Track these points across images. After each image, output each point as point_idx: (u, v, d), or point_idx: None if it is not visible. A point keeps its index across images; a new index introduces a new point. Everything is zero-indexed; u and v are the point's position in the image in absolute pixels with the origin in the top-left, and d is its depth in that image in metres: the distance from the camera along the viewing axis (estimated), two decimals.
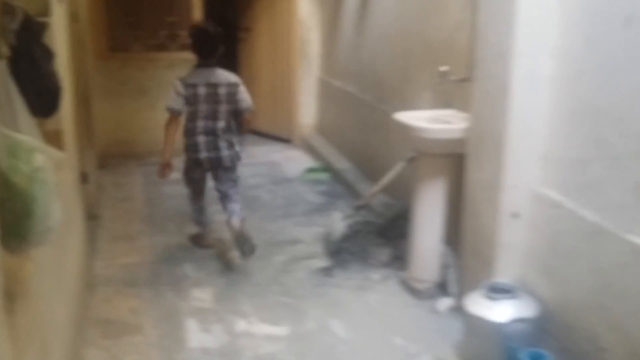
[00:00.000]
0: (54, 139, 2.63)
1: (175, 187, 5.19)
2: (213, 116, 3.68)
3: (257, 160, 6.12)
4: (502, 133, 2.68)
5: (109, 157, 5.86)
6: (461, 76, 3.32)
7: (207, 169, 3.83)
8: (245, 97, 3.79)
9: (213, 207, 4.19)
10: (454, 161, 3.38)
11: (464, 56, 3.36)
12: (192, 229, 4.13)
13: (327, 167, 5.62)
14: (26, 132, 1.48)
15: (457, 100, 3.53)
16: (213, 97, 3.65)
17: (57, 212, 1.51)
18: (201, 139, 3.69)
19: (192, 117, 3.67)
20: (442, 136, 3.21)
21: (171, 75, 5.79)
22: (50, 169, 1.46)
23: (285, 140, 6.72)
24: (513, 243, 2.76)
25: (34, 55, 1.92)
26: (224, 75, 3.72)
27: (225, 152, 3.76)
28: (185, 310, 3.20)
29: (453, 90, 3.55)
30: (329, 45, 5.98)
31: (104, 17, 5.73)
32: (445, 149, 3.27)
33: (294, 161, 6.10)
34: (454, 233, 3.30)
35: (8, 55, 1.46)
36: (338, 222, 3.96)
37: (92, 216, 4.34)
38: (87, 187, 4.17)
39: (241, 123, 3.91)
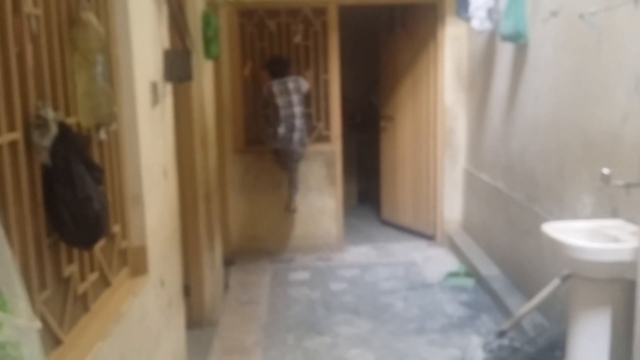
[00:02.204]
0: (136, 256, 2.43)
1: (302, 291, 4.92)
2: None
3: (394, 259, 5.65)
4: None
5: (241, 253, 5.71)
6: (630, 180, 2.69)
7: None
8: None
9: None
10: (622, 287, 2.69)
11: (633, 155, 2.74)
12: None
13: (472, 272, 4.99)
14: (7, 291, 1.21)
15: (626, 209, 2.87)
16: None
17: None
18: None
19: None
20: (606, 258, 2.57)
21: (306, 168, 5.69)
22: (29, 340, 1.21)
23: (427, 237, 6.18)
24: None
25: (72, 177, 1.70)
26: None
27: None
28: None
29: (619, 196, 2.89)
30: (476, 135, 5.48)
31: (242, 112, 5.75)
32: (609, 274, 2.61)
33: (435, 262, 5.53)
34: None
35: None
36: (477, 350, 3.34)
37: (209, 322, 4.12)
38: (204, 294, 3.98)
39: None
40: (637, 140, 2.76)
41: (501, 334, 3.45)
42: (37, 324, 1.32)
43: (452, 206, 5.96)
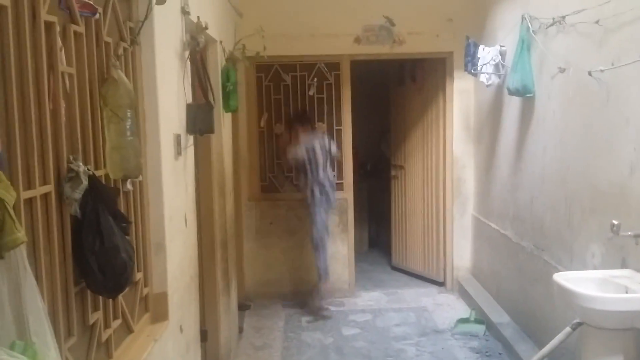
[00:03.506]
0: (157, 303, 2.49)
1: (315, 335, 4.93)
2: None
3: (405, 305, 5.67)
4: None
5: (255, 297, 5.77)
6: (638, 231, 2.74)
7: None
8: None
9: None
10: (633, 336, 2.71)
11: None
12: None
13: (482, 319, 4.99)
14: (38, 341, 1.27)
15: (635, 259, 2.92)
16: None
17: None
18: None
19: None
20: (617, 308, 2.60)
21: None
22: None
23: (437, 283, 6.20)
24: None
25: (100, 228, 1.77)
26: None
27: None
28: None
29: (629, 246, 2.94)
30: (484, 184, 5.56)
31: (258, 161, 5.90)
32: (620, 323, 2.64)
33: (446, 308, 5.55)
34: None
35: (25, 240, 1.28)
36: None
37: None
38: (220, 338, 4.01)
39: None
40: None
41: None
42: None
43: (461, 253, 6.00)
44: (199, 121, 3.10)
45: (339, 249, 5.89)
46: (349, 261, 5.92)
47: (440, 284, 6.16)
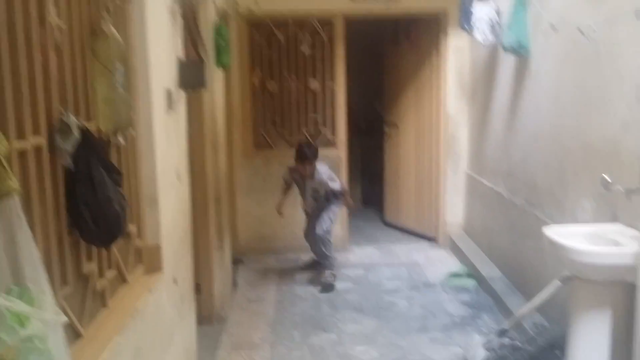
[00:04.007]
0: (151, 255, 2.52)
1: (308, 289, 5.00)
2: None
3: (397, 260, 5.75)
4: None
5: (248, 252, 5.83)
6: (630, 186, 2.77)
7: None
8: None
9: None
10: (622, 290, 2.76)
11: (633, 163, 2.82)
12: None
13: (473, 273, 5.07)
14: (34, 287, 1.29)
15: (625, 213, 2.95)
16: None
17: None
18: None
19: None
20: (606, 261, 2.64)
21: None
22: (54, 333, 1.27)
23: (429, 239, 6.27)
24: None
25: (92, 180, 1.78)
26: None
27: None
28: None
29: (619, 201, 2.97)
30: (478, 142, 5.57)
31: (251, 117, 5.87)
32: (609, 276, 2.68)
33: (438, 263, 5.62)
34: None
35: (18, 189, 1.29)
36: (478, 348, 3.42)
37: (218, 319, 4.22)
38: (214, 291, 4.08)
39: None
40: (637, 147, 2.83)
41: (502, 332, 3.52)
42: (63, 318, 1.38)
43: (454, 209, 6.06)
44: (191, 76, 3.07)
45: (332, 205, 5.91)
46: (342, 217, 5.95)
47: (433, 239, 6.24)
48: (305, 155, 4.95)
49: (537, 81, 4.07)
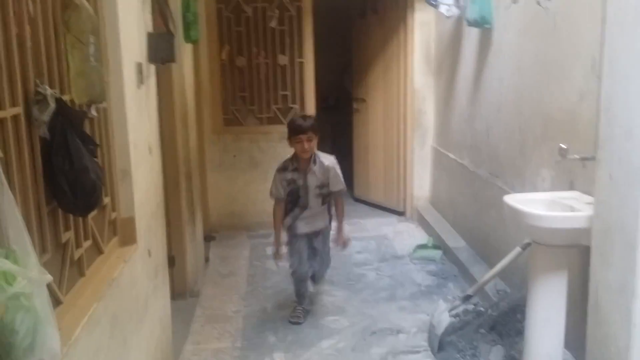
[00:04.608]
0: (125, 227, 2.57)
1: (279, 263, 5.06)
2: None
3: (367, 234, 5.87)
4: (636, 229, 2.21)
5: (220, 229, 5.89)
6: (585, 154, 2.90)
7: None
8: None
9: None
10: (578, 253, 2.91)
11: (588, 132, 2.96)
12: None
13: (439, 244, 5.22)
14: (18, 249, 1.34)
15: (581, 181, 3.10)
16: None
17: (50, 340, 1.33)
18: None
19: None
20: (562, 225, 2.77)
21: (282, 147, 5.82)
22: (40, 292, 1.32)
23: (397, 212, 6.41)
24: None
25: (69, 149, 1.83)
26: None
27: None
28: None
29: (576, 169, 3.12)
30: (443, 116, 5.69)
31: (220, 93, 5.88)
32: (565, 240, 2.82)
33: (405, 236, 5.77)
34: (579, 338, 2.80)
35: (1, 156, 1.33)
36: (444, 314, 3.56)
37: (192, 293, 4.28)
38: (187, 266, 4.14)
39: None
40: (592, 117, 2.95)
41: (466, 299, 3.66)
42: (48, 277, 1.43)
43: (421, 183, 6.20)
44: (160, 50, 3.09)
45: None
46: None
47: (401, 213, 6.38)
48: (301, 127, 3.87)
49: (499, 54, 4.19)
